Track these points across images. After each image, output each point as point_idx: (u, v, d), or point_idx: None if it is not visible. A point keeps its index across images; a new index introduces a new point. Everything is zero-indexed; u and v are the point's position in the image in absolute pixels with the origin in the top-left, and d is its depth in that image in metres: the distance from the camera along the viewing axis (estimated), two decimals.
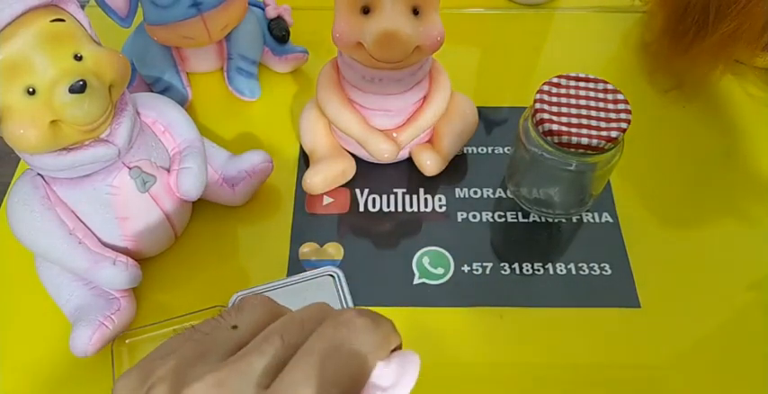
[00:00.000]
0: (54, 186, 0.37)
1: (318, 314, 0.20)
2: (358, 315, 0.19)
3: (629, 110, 0.39)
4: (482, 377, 0.39)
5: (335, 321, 0.19)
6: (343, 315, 0.19)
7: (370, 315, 0.20)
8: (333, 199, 0.47)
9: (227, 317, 0.21)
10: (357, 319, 0.19)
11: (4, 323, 0.41)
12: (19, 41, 0.31)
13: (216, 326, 0.20)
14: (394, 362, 0.19)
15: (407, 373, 0.19)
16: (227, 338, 0.20)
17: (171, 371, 0.19)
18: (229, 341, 0.20)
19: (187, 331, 0.20)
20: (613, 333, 0.40)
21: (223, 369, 0.18)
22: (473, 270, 0.43)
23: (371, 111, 0.43)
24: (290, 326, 0.20)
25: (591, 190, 0.44)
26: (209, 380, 0.18)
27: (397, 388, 0.19)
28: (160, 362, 0.19)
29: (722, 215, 0.46)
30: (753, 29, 0.47)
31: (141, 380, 0.19)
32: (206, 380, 0.18)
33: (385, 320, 0.20)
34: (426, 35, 0.38)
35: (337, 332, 0.19)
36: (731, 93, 0.53)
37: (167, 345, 0.20)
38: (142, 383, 0.19)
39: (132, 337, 0.40)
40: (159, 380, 0.18)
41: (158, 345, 0.20)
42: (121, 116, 0.36)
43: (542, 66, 0.56)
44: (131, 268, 0.39)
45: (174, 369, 0.19)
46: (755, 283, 0.42)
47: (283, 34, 0.53)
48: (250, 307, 0.21)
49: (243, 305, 0.21)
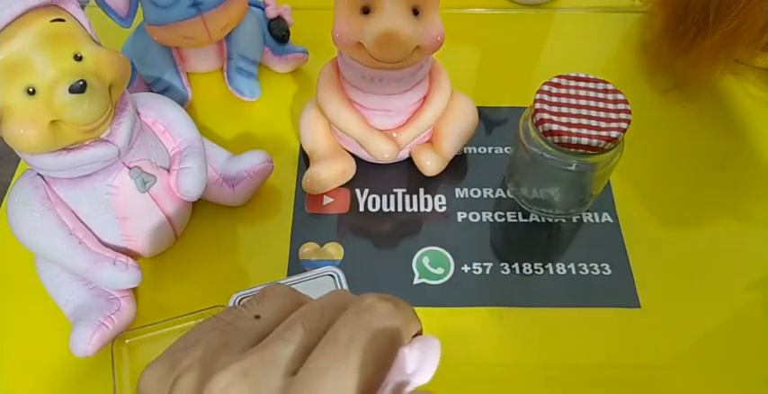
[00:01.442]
0: (54, 186, 0.37)
1: (339, 300, 0.20)
2: (379, 300, 0.19)
3: (629, 110, 0.39)
4: (482, 377, 0.39)
5: (358, 307, 0.19)
6: (365, 300, 0.19)
7: (391, 300, 0.20)
8: (333, 199, 0.47)
9: (249, 306, 0.21)
10: (379, 304, 0.19)
11: (4, 323, 0.41)
12: (19, 41, 0.31)
13: (239, 316, 0.20)
14: (416, 348, 0.19)
15: (429, 359, 0.19)
16: (250, 328, 0.20)
17: (197, 360, 0.19)
18: (252, 330, 0.20)
19: (210, 321, 0.21)
20: (613, 333, 0.40)
21: (248, 358, 0.18)
22: (473, 270, 0.43)
23: (371, 111, 0.43)
24: (312, 314, 0.20)
25: (591, 190, 0.44)
26: (234, 369, 0.18)
27: (420, 373, 0.19)
28: (185, 353, 0.19)
29: (722, 215, 0.46)
30: (753, 29, 0.47)
31: (168, 369, 0.19)
32: (232, 369, 0.18)
33: (406, 305, 0.20)
34: (426, 35, 0.38)
35: (360, 318, 0.19)
36: (731, 93, 0.53)
37: (191, 336, 0.20)
38: (169, 373, 0.19)
39: (132, 337, 0.40)
40: (185, 369, 0.19)
41: (181, 336, 0.21)
42: (121, 116, 0.36)
43: (542, 66, 0.56)
44: (131, 268, 0.39)
45: (201, 358, 0.19)
46: (755, 283, 0.42)
47: (283, 34, 0.53)
48: (272, 296, 0.21)
49: (265, 294, 0.21)
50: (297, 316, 0.20)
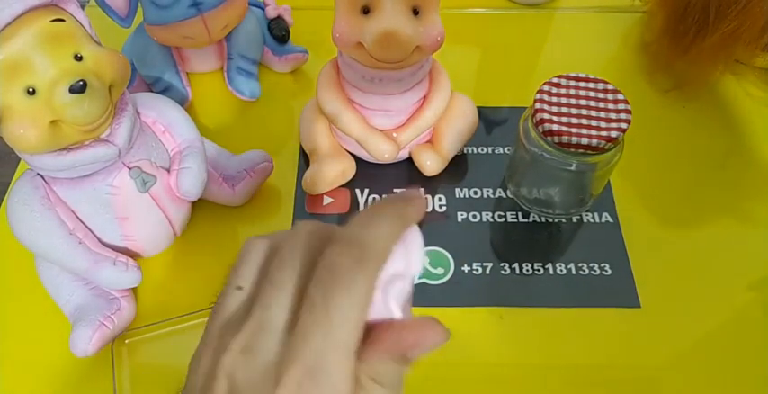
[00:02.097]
0: (54, 186, 0.37)
1: (312, 240, 0.20)
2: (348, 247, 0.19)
3: (629, 110, 0.39)
4: (482, 377, 0.39)
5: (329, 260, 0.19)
6: (333, 250, 0.19)
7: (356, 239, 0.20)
8: (333, 199, 0.47)
9: (229, 280, 0.21)
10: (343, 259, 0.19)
11: (4, 323, 0.41)
12: (19, 41, 0.31)
13: (224, 293, 0.21)
14: (399, 247, 0.20)
15: (413, 250, 0.20)
16: (237, 301, 0.20)
17: (205, 347, 0.20)
18: (239, 302, 0.20)
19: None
20: (613, 333, 0.40)
21: (242, 334, 0.19)
22: (473, 270, 0.43)
23: (371, 111, 0.43)
24: (283, 268, 0.20)
25: (591, 190, 0.44)
26: (234, 349, 0.19)
27: (410, 266, 0.20)
28: (198, 354, 0.20)
29: (722, 215, 0.46)
30: (753, 29, 0.47)
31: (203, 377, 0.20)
32: (232, 349, 0.19)
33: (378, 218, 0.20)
34: (426, 35, 0.38)
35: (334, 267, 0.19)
36: (731, 93, 0.53)
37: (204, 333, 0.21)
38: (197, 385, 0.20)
39: (132, 337, 0.40)
40: (197, 358, 0.20)
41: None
42: (121, 116, 0.36)
43: (542, 66, 0.56)
44: (131, 268, 0.39)
45: (207, 345, 0.20)
46: (755, 283, 0.42)
47: (283, 34, 0.53)
48: (245, 260, 0.21)
49: (237, 260, 0.22)
50: (270, 277, 0.20)
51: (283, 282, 0.19)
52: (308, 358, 0.18)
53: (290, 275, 0.19)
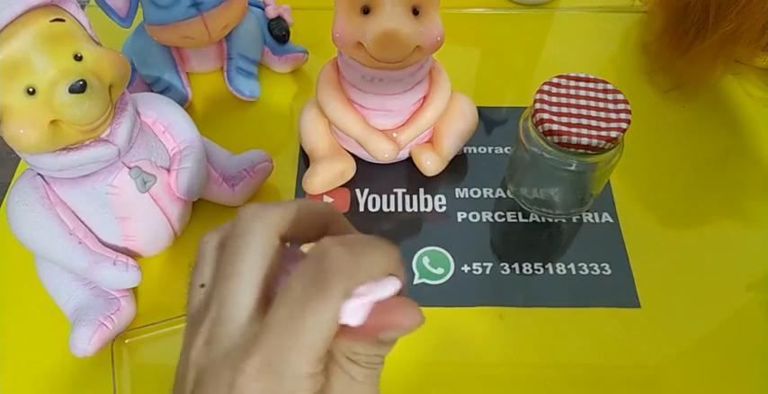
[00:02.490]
0: (54, 186, 0.37)
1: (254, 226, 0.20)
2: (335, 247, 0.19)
3: (629, 110, 0.39)
4: (482, 377, 0.39)
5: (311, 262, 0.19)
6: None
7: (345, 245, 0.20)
8: (333, 199, 0.47)
9: (192, 279, 0.22)
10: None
11: (5, 323, 0.41)
12: (19, 41, 0.31)
13: (190, 293, 0.21)
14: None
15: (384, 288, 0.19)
16: (201, 298, 0.21)
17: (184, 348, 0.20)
18: (203, 298, 0.21)
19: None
20: (613, 333, 0.40)
21: (204, 327, 0.20)
22: (473, 270, 0.43)
23: (371, 111, 0.43)
24: (233, 262, 0.20)
25: (591, 190, 0.44)
26: (198, 342, 0.20)
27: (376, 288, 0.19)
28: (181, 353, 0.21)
29: (722, 215, 0.46)
30: (753, 29, 0.47)
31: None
32: (197, 342, 0.20)
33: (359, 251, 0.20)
34: (426, 35, 0.38)
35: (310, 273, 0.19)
36: (731, 93, 0.53)
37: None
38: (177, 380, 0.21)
39: (132, 337, 0.40)
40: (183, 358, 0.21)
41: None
42: (121, 116, 0.36)
43: (542, 66, 0.56)
44: (131, 268, 0.39)
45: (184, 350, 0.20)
46: (755, 283, 0.42)
47: (283, 34, 0.53)
48: (202, 256, 0.22)
49: (196, 260, 0.22)
50: (221, 271, 0.20)
51: (235, 273, 0.20)
52: (272, 349, 0.18)
53: (243, 266, 0.20)
